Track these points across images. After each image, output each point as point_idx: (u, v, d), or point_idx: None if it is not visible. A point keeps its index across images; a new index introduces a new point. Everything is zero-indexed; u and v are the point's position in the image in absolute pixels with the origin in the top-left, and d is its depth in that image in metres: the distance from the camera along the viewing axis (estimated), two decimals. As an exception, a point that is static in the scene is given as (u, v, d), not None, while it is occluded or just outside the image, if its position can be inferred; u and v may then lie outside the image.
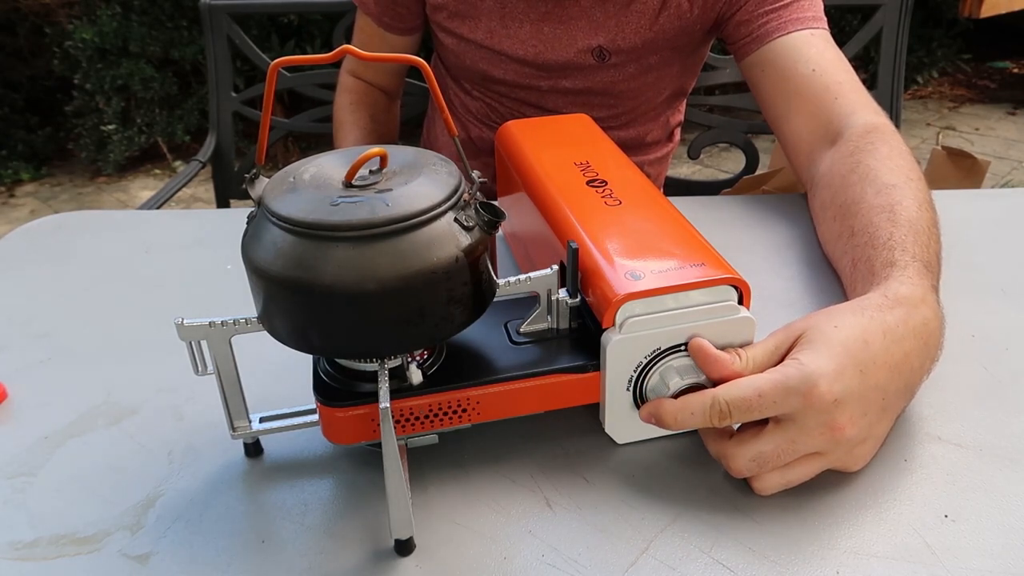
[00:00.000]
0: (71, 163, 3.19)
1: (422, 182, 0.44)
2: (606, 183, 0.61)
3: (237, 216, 0.87)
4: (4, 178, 3.03)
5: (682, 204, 0.65)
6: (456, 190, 0.45)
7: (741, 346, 0.50)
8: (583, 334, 0.52)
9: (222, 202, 1.38)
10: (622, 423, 0.52)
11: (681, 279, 0.49)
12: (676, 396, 0.49)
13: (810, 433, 0.47)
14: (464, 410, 0.49)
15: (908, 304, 0.52)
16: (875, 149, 0.70)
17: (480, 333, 0.52)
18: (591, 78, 0.97)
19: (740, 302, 0.50)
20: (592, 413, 0.53)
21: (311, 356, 0.50)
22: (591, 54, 0.94)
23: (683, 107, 1.15)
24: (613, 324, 0.49)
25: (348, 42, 0.53)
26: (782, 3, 0.85)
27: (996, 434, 0.53)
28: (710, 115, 1.31)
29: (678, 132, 1.17)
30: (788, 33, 0.84)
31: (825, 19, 0.87)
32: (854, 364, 0.47)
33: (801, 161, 0.81)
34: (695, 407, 0.47)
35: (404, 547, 0.46)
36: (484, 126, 1.06)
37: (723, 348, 0.49)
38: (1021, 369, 0.60)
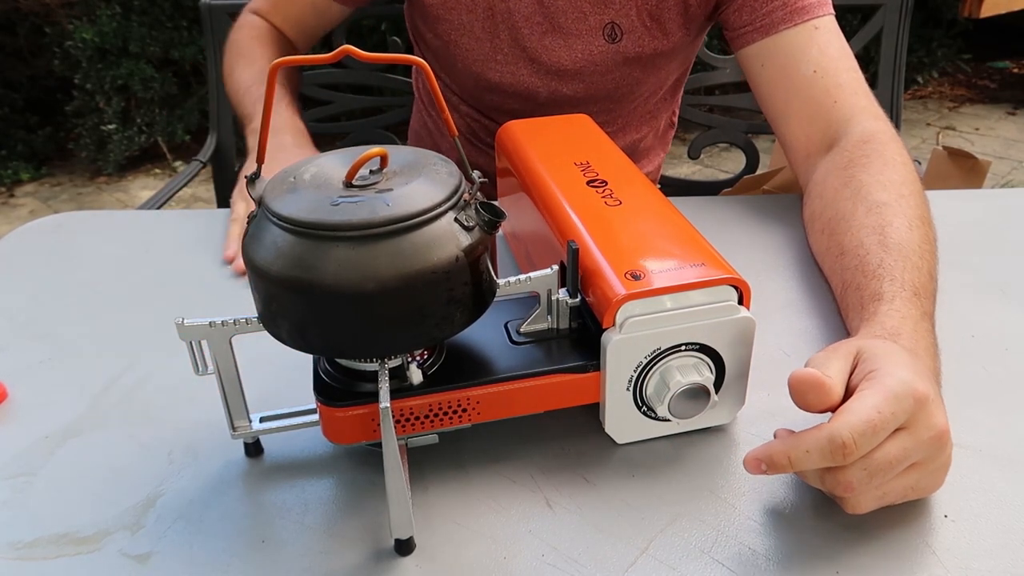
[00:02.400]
0: (71, 163, 3.19)
1: (422, 182, 0.44)
2: (606, 183, 0.61)
3: (237, 216, 0.87)
4: (4, 178, 3.03)
5: (682, 204, 0.65)
6: (456, 190, 0.45)
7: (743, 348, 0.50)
8: (583, 334, 0.52)
9: (222, 202, 1.38)
10: (622, 423, 0.52)
11: (681, 279, 0.49)
12: (673, 395, 0.49)
13: (920, 437, 0.44)
14: (464, 410, 0.49)
15: (903, 335, 0.53)
16: (869, 163, 0.70)
17: (480, 333, 0.52)
18: (594, 79, 0.94)
19: (740, 302, 0.50)
20: (592, 413, 0.53)
21: (311, 356, 0.50)
22: (602, 33, 0.89)
23: (675, 115, 1.14)
24: (613, 324, 0.49)
25: (348, 41, 0.53)
26: None
27: (996, 434, 0.53)
28: (710, 115, 1.31)
29: (669, 140, 1.15)
30: (792, 26, 0.80)
31: (830, 2, 0.83)
32: (922, 371, 0.47)
33: (798, 162, 0.82)
34: (811, 445, 0.43)
35: (404, 547, 0.46)
36: (469, 144, 1.04)
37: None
38: (1021, 369, 0.60)
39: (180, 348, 0.48)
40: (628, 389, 0.50)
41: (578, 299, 0.52)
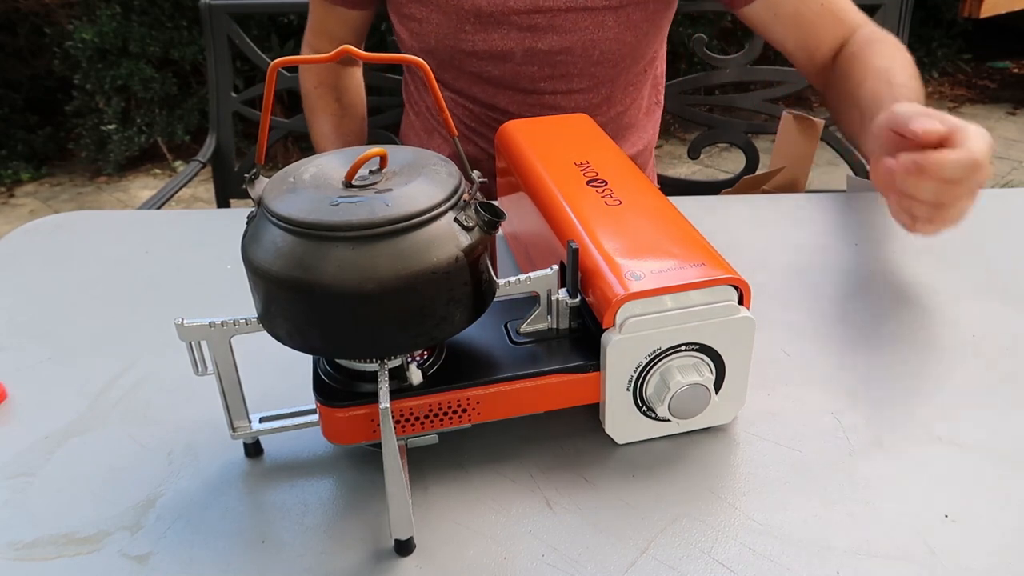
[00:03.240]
0: (71, 163, 3.19)
1: (422, 182, 0.44)
2: (606, 183, 0.61)
3: (237, 216, 0.87)
4: (4, 178, 3.03)
5: (682, 204, 0.65)
6: (456, 190, 0.45)
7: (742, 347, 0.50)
8: (583, 334, 0.52)
9: (222, 202, 1.38)
10: (622, 423, 0.52)
11: (681, 279, 0.49)
12: (673, 395, 0.49)
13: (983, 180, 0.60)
14: (464, 410, 0.49)
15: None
16: (872, 48, 0.89)
17: (480, 333, 0.52)
18: (570, 32, 0.94)
19: (740, 302, 0.50)
20: (592, 413, 0.53)
21: (311, 356, 0.50)
22: None
23: (660, 93, 1.13)
24: (613, 324, 0.49)
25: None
26: None
27: (996, 434, 0.53)
28: (710, 115, 1.31)
29: (656, 122, 1.15)
30: None
31: None
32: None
33: (815, 73, 0.97)
34: (957, 157, 0.58)
35: (404, 547, 0.46)
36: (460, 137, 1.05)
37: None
38: (1021, 369, 0.60)
39: (180, 348, 0.48)
40: (628, 389, 0.50)
41: (578, 299, 0.52)
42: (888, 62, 0.84)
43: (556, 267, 0.51)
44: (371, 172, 0.45)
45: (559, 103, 1.01)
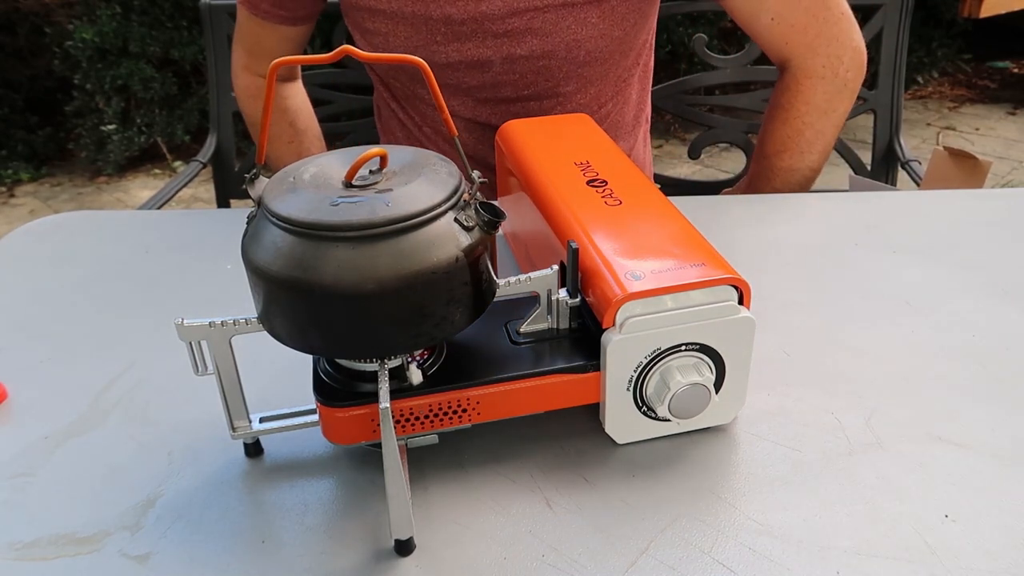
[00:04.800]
0: (71, 163, 3.19)
1: (422, 182, 0.44)
2: (606, 183, 0.61)
3: (237, 216, 0.87)
4: (4, 178, 3.03)
5: (682, 204, 0.65)
6: (456, 190, 0.45)
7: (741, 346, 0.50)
8: (583, 334, 0.52)
9: (222, 202, 1.38)
10: (622, 423, 0.52)
11: (681, 279, 0.49)
12: (674, 395, 0.49)
13: None
14: (464, 410, 0.49)
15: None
16: (796, 104, 0.96)
17: (480, 333, 0.52)
18: (551, 33, 0.89)
19: (740, 302, 0.50)
20: (592, 413, 0.53)
21: (311, 356, 0.50)
22: None
23: (647, 92, 1.09)
24: (613, 324, 0.49)
25: (348, 41, 0.53)
26: None
27: (996, 434, 0.53)
28: (710, 115, 1.31)
29: (647, 120, 1.12)
30: None
31: None
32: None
33: (775, 62, 1.00)
34: None
35: (404, 547, 0.46)
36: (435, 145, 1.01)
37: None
38: (1021, 369, 0.60)
39: (180, 348, 0.48)
40: (628, 389, 0.50)
41: (578, 299, 0.52)
42: (794, 131, 0.96)
43: (556, 267, 0.51)
44: (371, 172, 0.45)
45: (545, 109, 0.96)
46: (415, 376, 0.48)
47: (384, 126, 1.10)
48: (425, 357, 0.50)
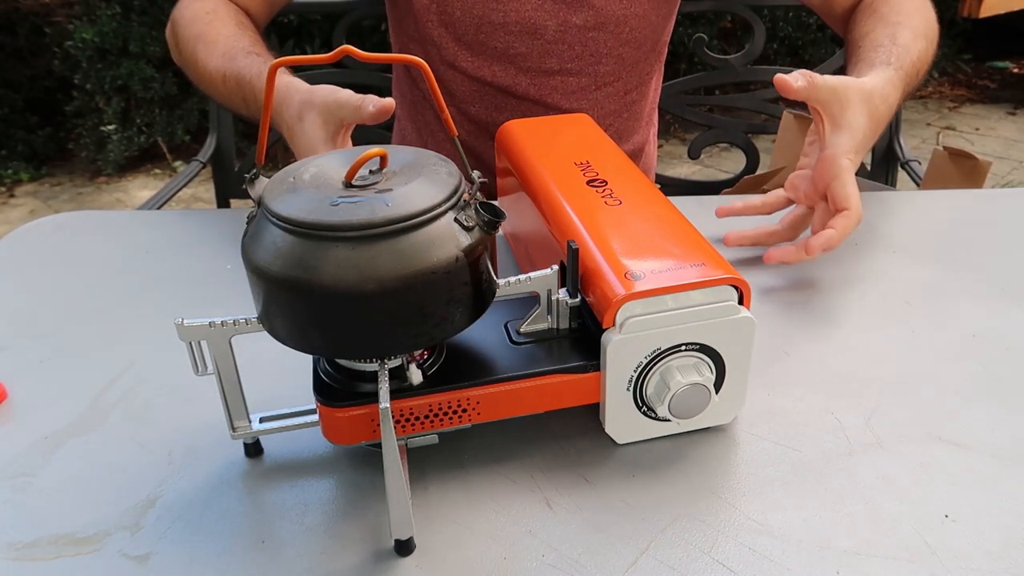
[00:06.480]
0: (71, 163, 3.19)
1: (422, 182, 0.44)
2: (606, 183, 0.61)
3: (237, 216, 0.87)
4: (4, 178, 3.03)
5: (682, 204, 0.65)
6: (456, 190, 0.45)
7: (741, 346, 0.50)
8: (583, 334, 0.52)
9: (222, 202, 1.38)
10: (622, 423, 0.52)
11: (681, 279, 0.49)
12: (674, 395, 0.49)
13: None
14: (464, 410, 0.49)
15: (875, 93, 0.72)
16: (891, 4, 0.90)
17: (480, 333, 0.52)
18: (604, 6, 0.93)
19: (740, 302, 0.50)
20: (592, 413, 0.53)
21: (311, 356, 0.50)
22: None
23: (658, 92, 1.13)
24: (613, 324, 0.49)
25: (348, 42, 0.53)
26: None
27: (996, 434, 0.53)
28: (710, 115, 1.31)
29: (655, 122, 1.14)
30: None
31: None
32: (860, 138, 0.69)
33: (837, 21, 0.98)
34: (850, 226, 0.67)
35: (404, 547, 0.46)
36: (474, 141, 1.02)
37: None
38: (1021, 369, 0.60)
39: (180, 348, 0.48)
40: (628, 389, 0.50)
41: (578, 299, 0.52)
42: (897, 18, 0.87)
43: (556, 267, 0.51)
44: (371, 172, 0.45)
45: (582, 87, 0.98)
46: (415, 376, 0.48)
47: (417, 118, 1.09)
48: (425, 357, 0.50)
